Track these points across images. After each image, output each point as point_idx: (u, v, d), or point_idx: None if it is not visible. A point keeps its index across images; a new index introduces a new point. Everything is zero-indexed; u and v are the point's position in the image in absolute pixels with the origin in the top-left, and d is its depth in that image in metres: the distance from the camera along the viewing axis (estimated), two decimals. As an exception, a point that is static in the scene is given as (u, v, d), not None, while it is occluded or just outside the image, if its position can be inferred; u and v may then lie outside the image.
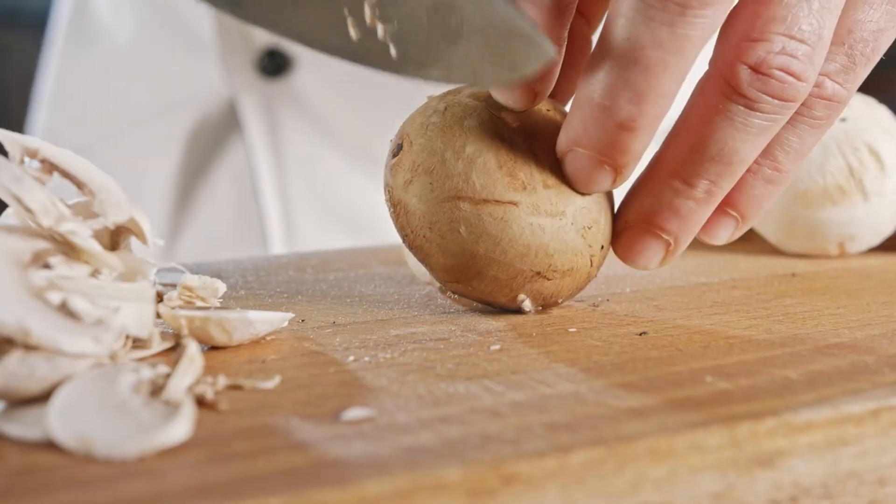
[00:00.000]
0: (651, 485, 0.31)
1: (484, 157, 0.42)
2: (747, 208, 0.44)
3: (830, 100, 0.43)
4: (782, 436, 0.33)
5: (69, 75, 0.89)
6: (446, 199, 0.42)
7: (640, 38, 0.39)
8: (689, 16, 0.39)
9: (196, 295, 0.42)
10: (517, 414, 0.34)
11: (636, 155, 0.41)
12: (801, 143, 0.44)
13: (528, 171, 0.42)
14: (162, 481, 0.29)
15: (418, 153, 0.43)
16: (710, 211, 0.43)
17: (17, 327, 0.33)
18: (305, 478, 0.29)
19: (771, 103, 0.41)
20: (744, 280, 0.53)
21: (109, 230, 0.42)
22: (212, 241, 0.84)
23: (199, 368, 0.36)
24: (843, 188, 0.57)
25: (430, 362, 0.39)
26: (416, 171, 0.43)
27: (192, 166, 0.85)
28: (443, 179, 0.42)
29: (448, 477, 0.29)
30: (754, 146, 0.42)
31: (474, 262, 0.43)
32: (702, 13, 0.39)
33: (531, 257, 0.42)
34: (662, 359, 0.39)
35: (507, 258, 0.42)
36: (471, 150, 0.42)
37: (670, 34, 0.39)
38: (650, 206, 0.43)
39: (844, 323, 0.44)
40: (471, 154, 0.42)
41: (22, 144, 0.41)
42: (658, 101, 0.40)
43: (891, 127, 0.59)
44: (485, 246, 0.42)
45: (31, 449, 0.31)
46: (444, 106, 0.44)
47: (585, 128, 0.41)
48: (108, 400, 0.33)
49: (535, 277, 0.42)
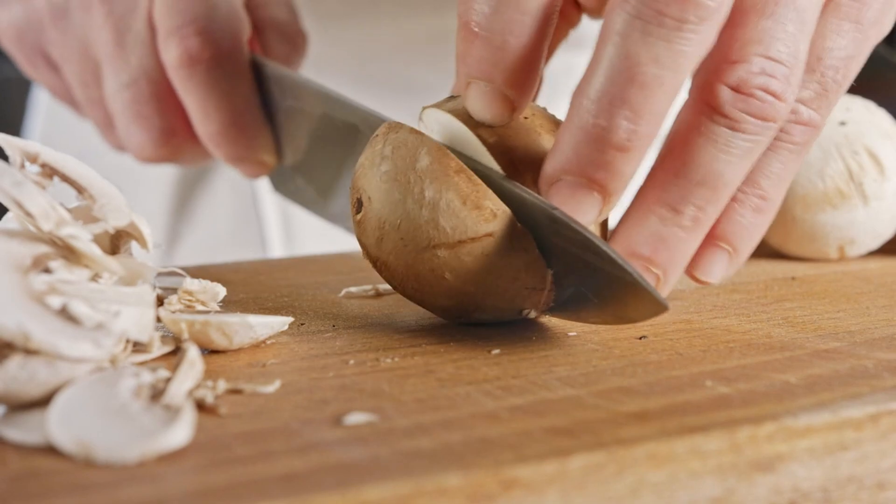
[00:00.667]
0: (651, 489, 0.31)
1: (445, 197, 0.40)
2: (738, 240, 0.44)
3: (807, 125, 0.44)
4: (782, 440, 0.33)
5: None
6: (422, 251, 0.41)
7: (637, 55, 0.39)
8: (685, 31, 0.39)
9: (196, 299, 0.42)
10: (517, 418, 0.34)
11: (626, 179, 0.41)
12: (783, 169, 0.44)
13: (493, 196, 0.41)
14: (162, 486, 0.29)
15: (380, 209, 0.42)
16: (698, 240, 0.43)
17: (17, 331, 0.33)
18: (306, 482, 0.29)
19: (753, 123, 0.41)
20: (743, 284, 0.53)
21: (109, 234, 0.42)
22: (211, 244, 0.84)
23: (199, 373, 0.36)
24: (843, 192, 0.57)
25: (430, 366, 0.39)
26: (383, 229, 0.42)
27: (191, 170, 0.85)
28: (412, 232, 0.41)
29: (448, 482, 0.29)
30: (738, 169, 0.42)
31: (470, 300, 0.42)
32: (698, 28, 0.39)
33: (522, 278, 0.41)
34: (662, 363, 0.39)
35: (500, 286, 0.41)
36: (431, 194, 0.41)
37: (667, 49, 0.39)
38: (637, 235, 0.42)
39: (844, 327, 0.44)
40: (432, 198, 0.41)
41: (22, 149, 0.41)
42: (653, 119, 0.40)
43: (890, 130, 0.59)
44: (474, 284, 0.41)
45: (32, 453, 0.31)
46: (391, 149, 0.42)
47: (577, 150, 0.40)
48: (108, 404, 0.33)
49: (532, 292, 0.41)
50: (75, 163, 0.42)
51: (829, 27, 0.44)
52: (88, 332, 0.35)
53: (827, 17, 0.44)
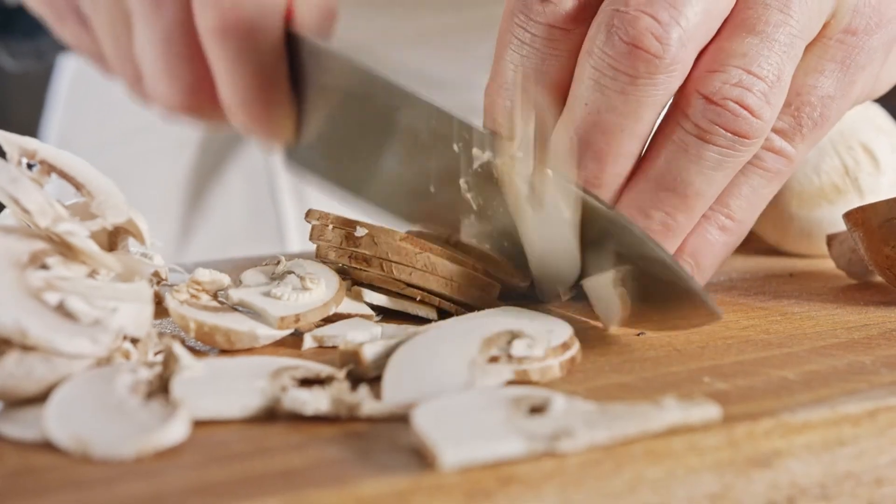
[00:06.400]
0: (649, 485, 0.31)
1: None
2: (701, 254, 0.45)
3: (779, 153, 0.44)
4: (779, 436, 0.33)
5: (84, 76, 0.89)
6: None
7: (597, 103, 0.41)
8: (639, 84, 0.41)
9: (204, 289, 0.42)
10: (515, 414, 0.34)
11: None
12: (752, 193, 0.44)
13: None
14: (159, 482, 0.29)
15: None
16: (671, 247, 0.43)
17: (14, 328, 0.33)
18: (303, 478, 0.29)
19: (723, 136, 0.41)
20: (741, 280, 0.53)
21: (107, 231, 0.42)
22: (226, 238, 0.84)
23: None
24: (839, 187, 0.57)
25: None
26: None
27: (207, 164, 0.84)
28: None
29: (446, 478, 0.29)
30: (710, 181, 0.42)
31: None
32: (652, 80, 0.41)
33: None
34: (660, 359, 0.39)
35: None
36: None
37: (624, 101, 0.41)
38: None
39: (842, 323, 0.44)
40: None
41: (20, 145, 0.41)
42: (618, 160, 0.42)
43: (884, 125, 0.59)
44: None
45: (29, 449, 0.31)
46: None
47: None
48: (105, 400, 0.33)
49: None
50: (73, 159, 0.42)
51: (811, 64, 0.44)
52: (85, 328, 0.35)
53: (811, 54, 0.44)
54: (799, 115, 0.44)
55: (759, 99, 0.41)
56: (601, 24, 0.41)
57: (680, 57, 0.41)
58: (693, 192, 0.42)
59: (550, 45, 0.43)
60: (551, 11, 0.42)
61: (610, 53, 0.41)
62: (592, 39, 0.41)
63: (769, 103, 0.41)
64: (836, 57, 0.44)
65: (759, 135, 0.42)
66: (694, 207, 0.43)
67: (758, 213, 0.45)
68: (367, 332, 0.41)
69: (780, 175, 0.44)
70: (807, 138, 0.44)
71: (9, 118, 1.84)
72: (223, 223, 0.84)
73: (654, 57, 0.40)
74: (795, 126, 0.44)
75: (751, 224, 0.45)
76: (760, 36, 0.42)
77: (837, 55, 0.44)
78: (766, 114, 0.41)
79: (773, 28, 0.42)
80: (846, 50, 0.44)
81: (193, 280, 0.42)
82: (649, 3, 0.40)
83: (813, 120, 0.44)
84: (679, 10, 0.40)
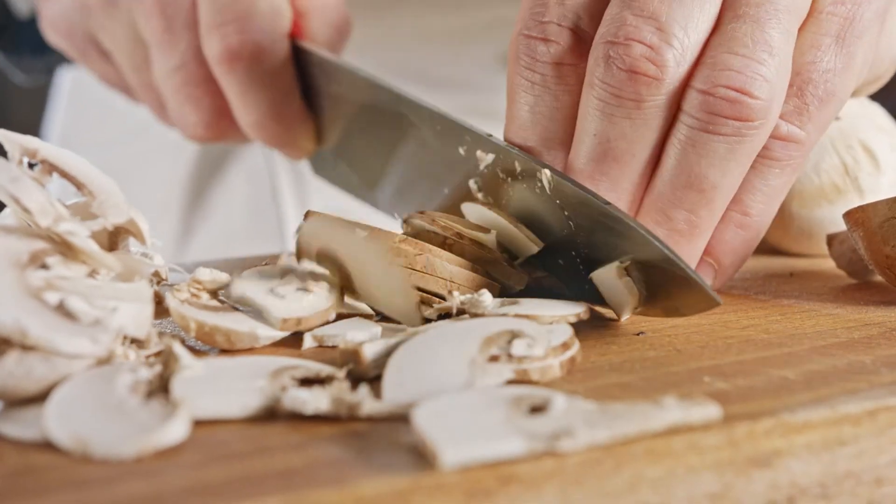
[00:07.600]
0: (649, 485, 0.31)
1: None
2: (721, 254, 0.45)
3: (787, 139, 0.44)
4: (779, 436, 0.33)
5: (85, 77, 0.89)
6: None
7: (605, 132, 0.42)
8: (644, 108, 0.42)
9: (204, 288, 0.42)
10: (515, 414, 0.34)
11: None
12: (766, 186, 0.44)
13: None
14: (159, 481, 0.29)
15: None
16: (698, 245, 0.44)
17: (14, 327, 0.33)
18: (303, 478, 0.29)
19: (725, 123, 0.41)
20: (741, 280, 0.53)
21: (108, 231, 0.42)
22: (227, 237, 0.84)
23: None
24: (839, 186, 0.57)
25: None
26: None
27: (207, 164, 0.85)
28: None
29: (446, 477, 0.29)
30: (723, 171, 0.42)
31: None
32: (655, 102, 0.42)
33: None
34: (660, 359, 0.39)
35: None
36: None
37: (632, 125, 0.42)
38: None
39: (842, 323, 0.44)
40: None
41: (21, 144, 0.41)
42: (633, 182, 0.43)
43: (884, 124, 0.59)
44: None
45: (29, 449, 0.31)
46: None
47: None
48: (105, 400, 0.33)
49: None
50: (74, 158, 0.42)
51: (807, 41, 0.44)
52: (85, 328, 0.35)
53: (806, 31, 0.44)
54: (803, 94, 0.44)
55: (750, 78, 0.41)
56: (598, 57, 0.42)
57: (679, 73, 0.42)
58: (709, 186, 0.42)
59: (561, 82, 0.44)
60: (555, 50, 0.43)
61: (611, 83, 0.41)
62: (592, 72, 0.42)
63: (765, 80, 0.41)
64: (831, 30, 0.44)
65: (761, 115, 0.41)
66: (714, 200, 0.43)
67: (775, 206, 0.45)
68: (366, 331, 0.41)
69: (791, 163, 0.44)
70: (815, 117, 0.44)
71: (13, 123, 1.84)
72: (224, 223, 0.85)
73: (653, 79, 0.41)
74: (801, 106, 0.44)
75: (769, 219, 0.45)
76: (744, 18, 0.42)
77: (832, 28, 0.44)
78: (762, 91, 0.41)
79: (756, 7, 0.42)
80: (839, 22, 0.44)
81: (194, 279, 0.42)
82: (637, 30, 0.41)
83: (818, 97, 0.44)
84: (667, 32, 0.41)
